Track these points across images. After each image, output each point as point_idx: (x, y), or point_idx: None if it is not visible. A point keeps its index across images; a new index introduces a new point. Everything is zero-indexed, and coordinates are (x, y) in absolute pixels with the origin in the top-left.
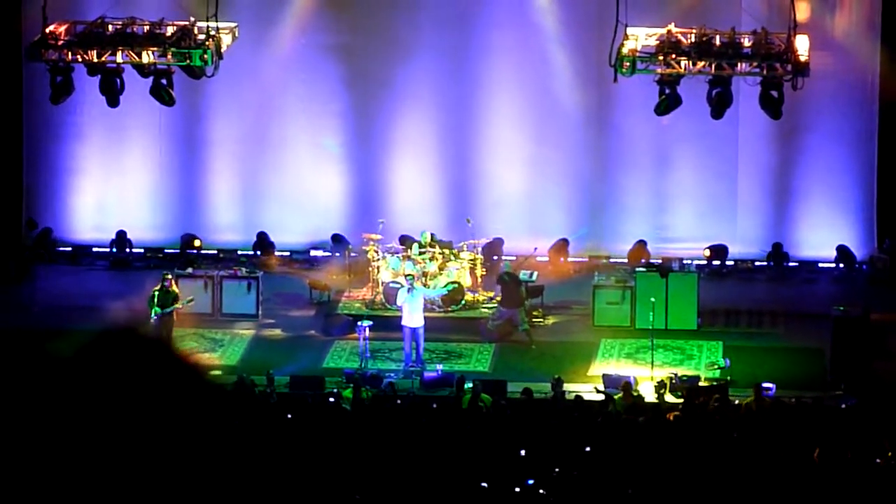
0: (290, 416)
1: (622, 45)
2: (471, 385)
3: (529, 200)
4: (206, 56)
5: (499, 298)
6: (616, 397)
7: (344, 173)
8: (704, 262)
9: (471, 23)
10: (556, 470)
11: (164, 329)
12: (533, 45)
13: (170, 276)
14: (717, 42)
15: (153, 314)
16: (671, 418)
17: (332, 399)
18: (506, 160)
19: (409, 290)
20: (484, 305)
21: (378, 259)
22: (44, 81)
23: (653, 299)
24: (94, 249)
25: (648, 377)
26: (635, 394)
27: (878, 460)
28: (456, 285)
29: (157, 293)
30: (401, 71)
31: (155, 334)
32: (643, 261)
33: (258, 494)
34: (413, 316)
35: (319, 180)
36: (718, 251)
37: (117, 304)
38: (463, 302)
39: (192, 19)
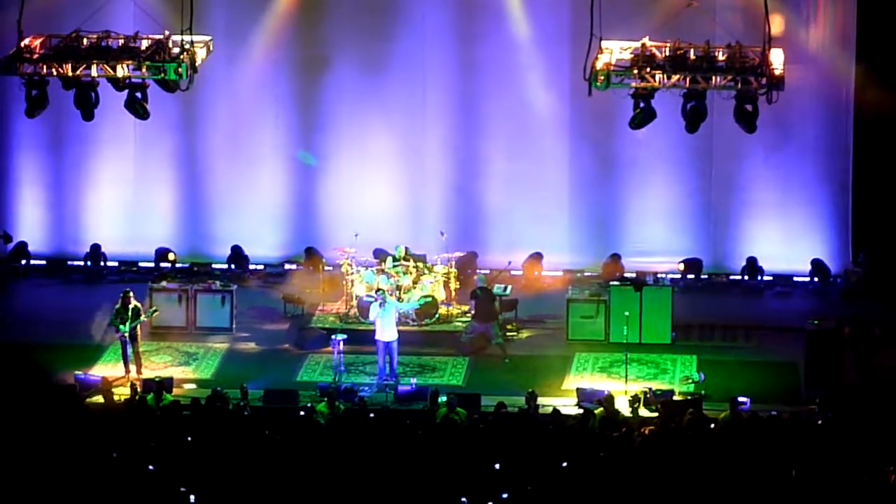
0: (268, 431)
1: (597, 58)
2: (445, 399)
3: (503, 214)
4: (180, 70)
5: (472, 313)
6: (597, 412)
7: (318, 187)
8: (679, 275)
9: (446, 37)
10: (530, 485)
11: (133, 343)
12: (508, 58)
13: (130, 293)
14: (692, 56)
15: (119, 331)
16: (646, 433)
17: (302, 413)
18: (481, 174)
19: (381, 304)
20: (458, 319)
21: (352, 273)
22: (19, 95)
23: (627, 313)
24: (69, 263)
25: (623, 391)
26: (598, 409)
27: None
28: (430, 299)
29: (118, 310)
30: (376, 84)
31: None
32: (617, 274)
33: None
34: (386, 330)
35: (293, 194)
36: (693, 265)
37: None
38: (437, 315)
39: (167, 33)
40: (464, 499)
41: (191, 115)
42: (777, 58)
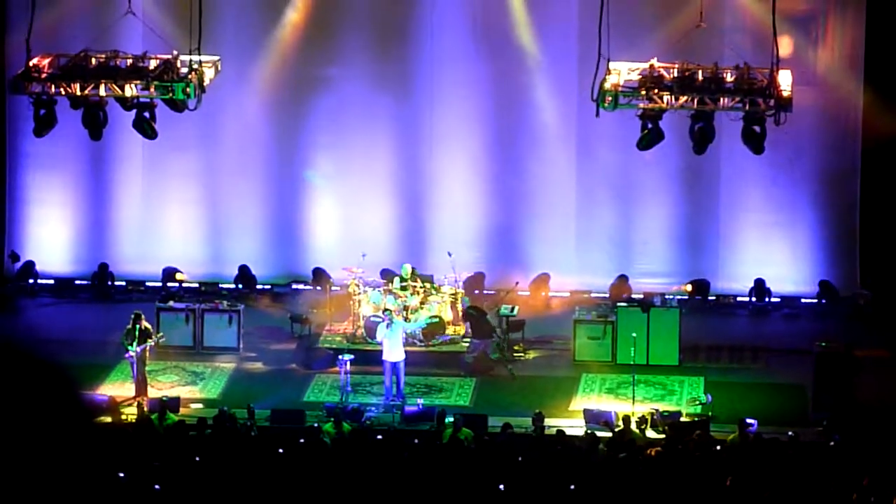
0: (279, 450)
1: (604, 79)
2: (451, 419)
3: (511, 234)
4: (188, 89)
5: (471, 332)
6: (605, 434)
7: (325, 207)
8: (686, 297)
9: (453, 56)
10: None
11: (139, 365)
12: (515, 79)
13: (140, 314)
14: (700, 77)
15: (128, 351)
16: (653, 454)
17: (307, 434)
18: (488, 194)
19: (388, 324)
20: (464, 340)
21: (359, 293)
22: (27, 114)
23: (634, 334)
24: (76, 282)
25: (630, 412)
26: (620, 428)
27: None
28: (437, 319)
29: (129, 331)
30: (383, 104)
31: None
32: (625, 296)
33: None
34: (393, 351)
35: (301, 213)
36: (700, 286)
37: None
38: (444, 336)
39: (175, 53)
40: None
41: (199, 134)
42: (785, 79)
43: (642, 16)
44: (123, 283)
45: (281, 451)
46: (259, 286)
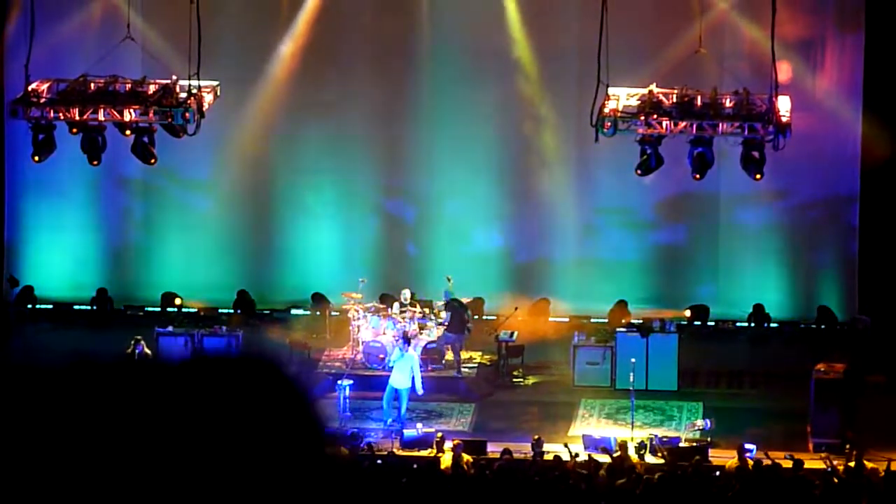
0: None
1: (604, 104)
2: (450, 445)
3: (510, 259)
4: (187, 114)
5: (447, 325)
6: (606, 459)
7: (324, 232)
8: (685, 322)
9: (453, 81)
10: None
11: None
12: (515, 103)
13: (140, 339)
14: (699, 102)
15: None
16: (654, 479)
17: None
18: (487, 219)
19: (402, 351)
20: (465, 365)
21: (358, 318)
22: (26, 139)
23: (633, 360)
24: (75, 307)
25: (629, 438)
26: (618, 454)
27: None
28: (434, 345)
29: (128, 356)
30: (382, 129)
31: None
32: (624, 321)
33: None
34: (399, 377)
35: (299, 239)
36: (699, 312)
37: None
38: (444, 362)
39: (174, 78)
40: None
41: (197, 159)
42: (784, 105)
43: (641, 41)
44: (122, 308)
45: None
46: (258, 311)
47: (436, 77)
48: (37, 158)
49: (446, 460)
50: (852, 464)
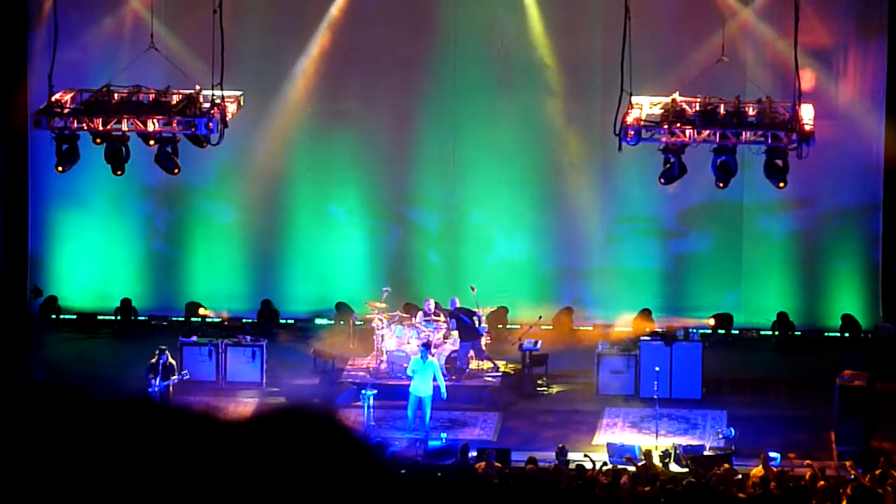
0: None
1: (627, 113)
2: (475, 454)
3: (534, 268)
4: (210, 124)
5: (459, 334)
6: (631, 469)
7: (349, 241)
8: (709, 330)
9: (476, 90)
10: None
11: (164, 400)
12: (537, 112)
13: (165, 349)
14: (722, 111)
15: (152, 386)
16: (679, 489)
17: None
18: (511, 227)
19: (423, 359)
20: (487, 375)
21: (382, 327)
22: (50, 149)
23: (657, 368)
24: (99, 317)
25: (653, 446)
26: (643, 462)
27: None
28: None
29: (152, 365)
30: (405, 138)
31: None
32: (648, 329)
33: None
34: (421, 385)
35: (324, 248)
36: (723, 320)
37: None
38: (468, 370)
39: (198, 88)
40: None
41: (221, 169)
42: (807, 113)
43: (664, 50)
44: (146, 319)
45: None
46: (282, 321)
47: (458, 86)
48: (60, 169)
49: (470, 470)
50: (878, 471)
